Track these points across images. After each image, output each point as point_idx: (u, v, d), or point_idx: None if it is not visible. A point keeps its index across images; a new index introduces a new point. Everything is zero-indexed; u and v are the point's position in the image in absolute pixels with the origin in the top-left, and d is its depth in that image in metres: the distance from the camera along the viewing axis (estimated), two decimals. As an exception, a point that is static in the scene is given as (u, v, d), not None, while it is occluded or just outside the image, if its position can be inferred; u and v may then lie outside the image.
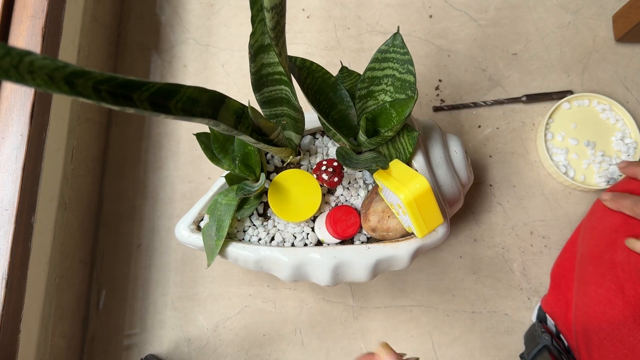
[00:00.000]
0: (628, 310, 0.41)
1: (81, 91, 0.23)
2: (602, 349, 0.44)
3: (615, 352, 0.42)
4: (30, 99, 0.51)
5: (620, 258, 0.43)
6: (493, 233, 0.66)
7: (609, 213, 0.49)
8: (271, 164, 0.51)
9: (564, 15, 0.73)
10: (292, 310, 0.64)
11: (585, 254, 0.51)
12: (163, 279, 0.66)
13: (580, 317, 0.48)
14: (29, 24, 0.53)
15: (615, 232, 0.46)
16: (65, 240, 0.60)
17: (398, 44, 0.43)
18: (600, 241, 0.48)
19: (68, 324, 0.61)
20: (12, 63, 0.19)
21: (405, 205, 0.39)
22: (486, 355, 0.62)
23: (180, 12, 0.77)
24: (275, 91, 0.43)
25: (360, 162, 0.44)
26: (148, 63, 0.75)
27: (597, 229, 0.50)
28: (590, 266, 0.48)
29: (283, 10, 0.33)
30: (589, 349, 0.46)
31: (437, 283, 0.65)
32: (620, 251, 0.44)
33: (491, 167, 0.68)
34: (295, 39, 0.75)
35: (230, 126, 0.34)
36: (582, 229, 0.55)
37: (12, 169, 0.50)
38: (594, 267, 0.47)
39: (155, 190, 0.70)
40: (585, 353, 0.47)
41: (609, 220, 0.48)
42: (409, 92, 0.44)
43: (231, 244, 0.47)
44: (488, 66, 0.72)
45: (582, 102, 0.67)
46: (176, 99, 0.29)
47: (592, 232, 0.51)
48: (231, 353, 0.64)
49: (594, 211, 0.54)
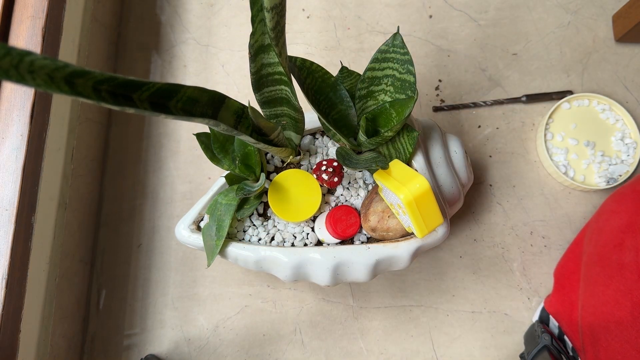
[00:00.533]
0: (637, 311, 0.41)
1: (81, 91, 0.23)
2: (610, 350, 0.44)
3: (623, 354, 0.42)
4: (30, 99, 0.51)
5: (628, 259, 0.43)
6: (493, 233, 0.66)
7: (616, 214, 0.49)
8: (271, 164, 0.51)
9: (563, 15, 0.73)
10: (292, 310, 0.65)
11: (592, 254, 0.51)
12: (163, 279, 0.66)
13: (587, 318, 0.48)
14: (29, 24, 0.53)
15: (622, 233, 0.46)
16: (65, 240, 0.60)
17: (398, 44, 0.43)
18: (608, 242, 0.48)
19: (68, 324, 0.61)
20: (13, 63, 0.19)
21: (405, 205, 0.39)
22: (486, 355, 0.62)
23: (180, 12, 0.77)
24: (275, 91, 0.43)
25: (360, 162, 0.44)
26: (148, 63, 0.75)
27: (604, 230, 0.50)
28: (598, 267, 0.48)
29: (283, 10, 0.33)
30: (596, 350, 0.46)
31: (437, 283, 0.65)
32: (628, 252, 0.44)
33: (491, 167, 0.68)
34: (295, 39, 0.75)
35: (230, 126, 0.34)
36: (589, 230, 0.55)
37: (12, 169, 0.50)
38: (601, 267, 0.47)
39: (155, 190, 0.70)
40: (591, 354, 0.47)
41: (616, 221, 0.48)
42: (409, 92, 0.44)
43: (231, 244, 0.47)
44: (488, 66, 0.72)
45: (582, 102, 0.67)
46: (176, 99, 0.29)
47: (599, 233, 0.51)
48: (231, 353, 0.64)
49: (601, 212, 0.54)
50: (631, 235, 0.44)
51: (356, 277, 0.46)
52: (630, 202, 0.48)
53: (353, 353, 0.63)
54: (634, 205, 0.47)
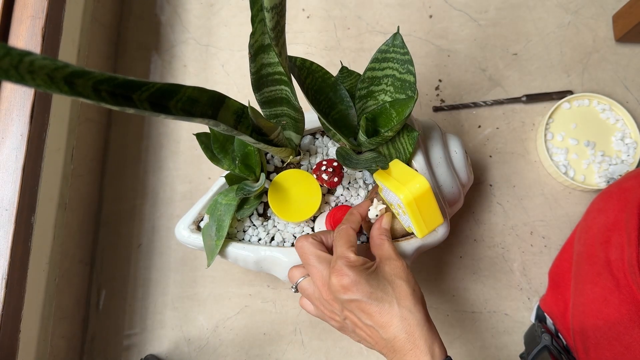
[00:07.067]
0: (624, 308, 0.41)
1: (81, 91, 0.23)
2: (599, 348, 0.44)
3: (611, 351, 0.42)
4: (30, 99, 0.51)
5: (614, 256, 0.44)
6: (493, 233, 0.66)
7: (603, 212, 0.49)
8: (271, 164, 0.51)
9: (564, 15, 0.73)
10: (292, 310, 0.64)
11: (581, 253, 0.51)
12: (163, 279, 0.66)
13: (577, 316, 0.48)
14: (29, 24, 0.53)
15: (609, 231, 0.46)
16: (65, 240, 0.60)
17: (398, 44, 0.43)
18: (595, 240, 0.48)
19: (68, 324, 0.61)
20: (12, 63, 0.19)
21: (405, 205, 0.39)
22: (486, 356, 0.62)
23: (180, 12, 0.76)
24: (275, 91, 0.43)
25: (360, 162, 0.44)
26: (148, 63, 0.75)
27: (592, 227, 0.50)
28: (586, 265, 0.48)
29: (283, 10, 0.33)
30: (586, 348, 0.46)
31: (437, 283, 0.65)
32: (615, 249, 0.44)
33: (491, 167, 0.68)
34: (295, 39, 0.75)
35: (230, 126, 0.34)
36: (578, 229, 0.56)
37: (12, 169, 0.50)
38: (589, 265, 0.48)
39: (155, 190, 0.70)
40: (582, 352, 0.47)
41: (603, 219, 0.49)
42: (409, 92, 0.44)
43: (231, 244, 0.47)
44: (488, 66, 0.72)
45: (582, 102, 0.67)
46: (176, 99, 0.29)
47: (587, 231, 0.51)
48: (231, 353, 0.64)
49: (589, 211, 0.54)
50: (617, 233, 0.44)
51: (356, 277, 0.46)
52: (616, 200, 0.48)
53: (353, 353, 0.63)
54: (620, 203, 0.47)
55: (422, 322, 0.35)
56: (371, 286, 0.36)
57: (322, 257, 0.39)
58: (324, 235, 0.42)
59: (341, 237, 0.39)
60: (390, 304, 0.35)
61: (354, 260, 0.37)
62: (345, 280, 0.36)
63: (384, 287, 0.36)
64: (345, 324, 0.40)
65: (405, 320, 0.35)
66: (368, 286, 0.36)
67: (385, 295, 0.36)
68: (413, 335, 0.35)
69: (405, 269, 0.38)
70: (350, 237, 0.39)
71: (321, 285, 0.39)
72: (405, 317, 0.35)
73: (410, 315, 0.35)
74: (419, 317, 0.35)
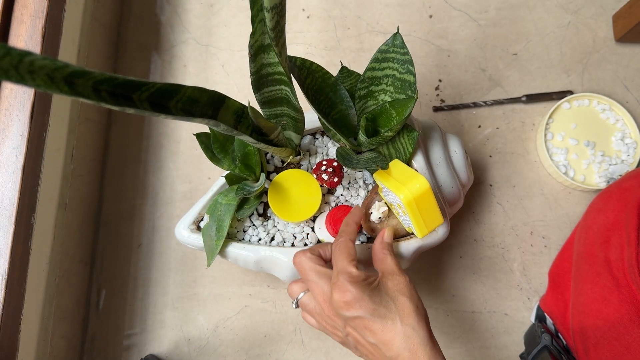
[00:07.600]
0: (624, 308, 0.41)
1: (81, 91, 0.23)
2: (599, 348, 0.44)
3: (611, 351, 0.42)
4: (30, 99, 0.51)
5: (614, 256, 0.43)
6: (493, 233, 0.66)
7: (603, 212, 0.49)
8: (271, 164, 0.51)
9: (564, 15, 0.73)
10: (292, 310, 0.64)
11: (581, 252, 0.51)
12: (163, 279, 0.66)
13: (577, 316, 0.48)
14: (29, 24, 0.53)
15: (608, 230, 0.46)
16: (65, 240, 0.60)
17: (398, 44, 0.43)
18: (595, 240, 0.48)
19: (68, 324, 0.61)
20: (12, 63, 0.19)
21: (405, 205, 0.39)
22: (486, 356, 0.62)
23: (180, 12, 0.76)
24: (275, 91, 0.43)
25: (360, 162, 0.44)
26: (148, 63, 0.75)
27: (592, 227, 0.50)
28: (586, 265, 0.48)
29: (283, 10, 0.33)
30: (586, 348, 0.46)
31: (437, 283, 0.65)
32: (614, 249, 0.44)
33: (491, 167, 0.68)
34: (295, 39, 0.75)
35: (230, 126, 0.34)
36: (578, 229, 0.56)
37: (12, 169, 0.50)
38: (589, 265, 0.48)
39: (155, 190, 0.70)
40: (582, 352, 0.47)
41: (603, 218, 0.49)
42: (409, 92, 0.44)
43: (231, 244, 0.47)
44: (488, 66, 0.72)
45: (582, 102, 0.67)
46: (176, 99, 0.29)
47: (587, 231, 0.51)
48: (231, 353, 0.64)
49: (589, 211, 0.54)
50: (617, 233, 0.44)
51: (356, 277, 0.46)
52: (616, 200, 0.48)
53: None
54: (620, 203, 0.47)
55: (425, 340, 0.34)
56: (374, 302, 0.35)
57: (321, 272, 0.38)
58: (322, 249, 0.41)
59: (341, 251, 0.38)
60: (393, 321, 0.35)
61: (356, 275, 0.36)
62: (347, 296, 0.35)
63: (386, 303, 0.36)
64: (347, 340, 0.39)
65: (409, 338, 0.34)
66: (371, 302, 0.35)
67: (388, 312, 0.35)
68: (417, 354, 0.34)
69: (408, 285, 0.37)
70: (350, 250, 0.38)
71: (322, 301, 0.38)
72: (408, 335, 0.34)
73: (413, 333, 0.34)
74: (422, 334, 0.34)
